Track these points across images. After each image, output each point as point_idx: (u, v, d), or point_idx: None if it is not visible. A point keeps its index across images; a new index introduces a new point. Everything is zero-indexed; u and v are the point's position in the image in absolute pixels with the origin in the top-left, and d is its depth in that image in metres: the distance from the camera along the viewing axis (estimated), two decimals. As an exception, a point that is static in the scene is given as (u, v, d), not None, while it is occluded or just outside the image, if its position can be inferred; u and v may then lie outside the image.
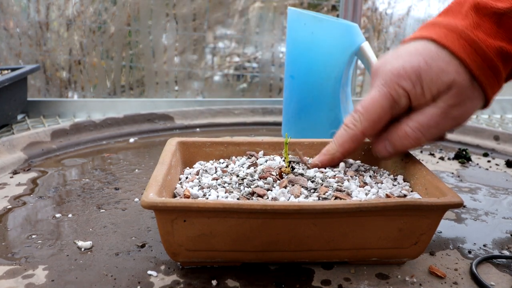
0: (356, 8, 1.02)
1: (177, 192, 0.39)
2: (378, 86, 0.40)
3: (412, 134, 0.39)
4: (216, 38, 1.24)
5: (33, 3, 1.09)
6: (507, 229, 0.47)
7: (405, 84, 0.38)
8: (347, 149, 0.42)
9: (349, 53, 0.61)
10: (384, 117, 0.40)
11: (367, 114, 0.40)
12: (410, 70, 0.38)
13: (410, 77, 0.38)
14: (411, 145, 0.40)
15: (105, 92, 1.18)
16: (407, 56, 0.39)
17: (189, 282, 0.36)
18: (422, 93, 0.38)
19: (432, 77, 0.38)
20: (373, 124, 0.40)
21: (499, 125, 1.00)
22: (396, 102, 0.39)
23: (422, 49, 0.39)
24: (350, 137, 0.41)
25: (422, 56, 0.38)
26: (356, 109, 0.41)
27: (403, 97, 0.39)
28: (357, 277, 0.37)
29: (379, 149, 0.42)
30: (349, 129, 0.41)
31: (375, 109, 0.39)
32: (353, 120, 0.41)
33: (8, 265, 0.38)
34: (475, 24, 0.39)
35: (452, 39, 0.38)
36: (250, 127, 0.87)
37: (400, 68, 0.39)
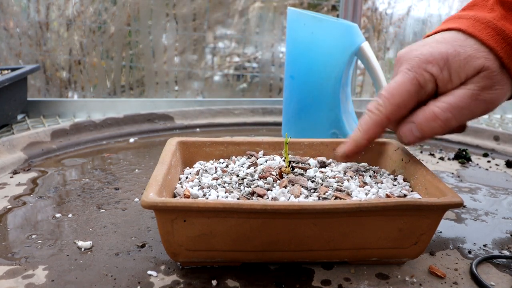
0: (356, 8, 1.02)
1: (177, 192, 0.39)
2: (404, 71, 0.39)
3: (442, 114, 0.38)
4: (216, 38, 1.24)
5: (33, 3, 1.09)
6: (507, 229, 0.47)
7: (433, 69, 0.38)
8: (372, 135, 0.40)
9: (349, 53, 0.61)
10: (409, 102, 0.39)
11: (392, 98, 0.39)
12: (438, 56, 0.38)
13: (438, 62, 0.38)
14: (440, 128, 0.38)
15: (105, 92, 1.18)
16: (435, 43, 0.39)
17: (189, 282, 0.36)
18: (449, 78, 0.38)
19: (460, 63, 0.37)
20: (398, 109, 0.39)
21: (499, 125, 1.00)
22: (422, 87, 0.38)
23: (449, 38, 0.39)
24: (375, 123, 0.40)
25: (450, 43, 0.38)
26: (380, 93, 0.39)
27: (429, 82, 0.38)
28: (357, 277, 0.37)
29: (405, 133, 0.40)
30: (373, 114, 0.40)
31: (401, 93, 0.38)
32: (377, 105, 0.39)
33: (8, 265, 0.38)
34: (502, 15, 0.39)
35: (479, 28, 0.38)
36: (250, 127, 0.87)
37: (427, 54, 0.38)
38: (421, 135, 0.39)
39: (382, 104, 0.39)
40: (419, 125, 0.39)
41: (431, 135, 0.39)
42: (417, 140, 0.39)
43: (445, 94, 0.38)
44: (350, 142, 0.41)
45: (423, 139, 0.39)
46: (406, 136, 0.40)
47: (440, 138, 0.80)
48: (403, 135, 0.40)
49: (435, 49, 0.39)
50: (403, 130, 0.40)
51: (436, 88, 0.39)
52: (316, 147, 0.48)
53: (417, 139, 0.39)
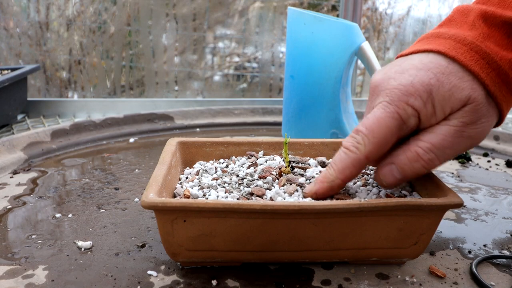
0: (356, 8, 1.02)
1: (177, 192, 0.39)
2: (383, 105, 0.35)
3: (425, 155, 0.35)
4: (216, 38, 1.24)
5: (33, 3, 1.09)
6: (507, 229, 0.47)
7: (415, 102, 0.34)
8: (348, 175, 0.36)
9: (349, 53, 0.61)
10: (390, 140, 0.35)
11: (372, 136, 0.35)
12: (420, 87, 0.34)
13: (420, 94, 0.34)
14: (423, 169, 0.35)
15: (105, 92, 1.18)
16: (414, 71, 0.35)
17: (189, 282, 0.36)
18: (433, 112, 0.35)
19: (445, 95, 0.34)
20: (379, 148, 0.35)
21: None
22: (404, 122, 0.35)
23: (430, 63, 0.35)
24: (353, 162, 0.35)
25: (432, 71, 0.35)
26: (358, 130, 0.35)
27: (412, 117, 0.35)
28: (357, 277, 0.37)
29: (385, 175, 0.36)
30: (351, 152, 0.35)
31: (381, 130, 0.34)
32: (355, 143, 0.35)
33: (8, 265, 0.38)
34: (484, 34, 0.35)
35: (462, 52, 0.35)
36: (250, 127, 0.87)
37: (408, 84, 0.34)
38: (402, 177, 0.36)
39: (361, 142, 0.35)
40: (400, 166, 0.36)
41: (412, 176, 0.36)
42: (397, 182, 0.36)
43: (427, 131, 0.35)
44: (322, 181, 0.36)
45: (403, 181, 0.37)
46: (386, 178, 0.36)
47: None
48: (383, 177, 0.36)
49: (416, 78, 0.35)
50: (383, 172, 0.36)
51: (419, 123, 0.35)
52: (316, 147, 0.48)
53: (397, 181, 0.36)
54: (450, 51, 0.35)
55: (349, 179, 0.36)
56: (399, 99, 0.35)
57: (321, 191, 0.36)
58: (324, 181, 0.36)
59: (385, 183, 0.37)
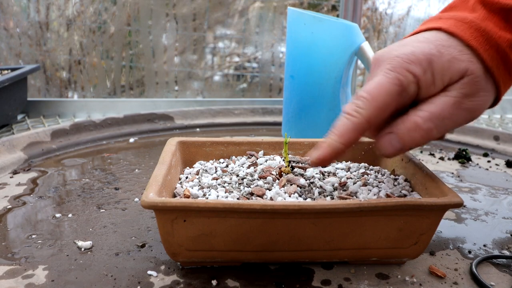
0: (356, 8, 1.02)
1: (177, 192, 0.39)
2: (384, 71, 0.36)
3: (424, 124, 0.35)
4: (216, 38, 1.24)
5: (33, 3, 1.09)
6: (507, 229, 0.47)
7: (416, 69, 0.35)
8: (349, 139, 0.36)
9: (349, 53, 0.61)
10: (391, 105, 0.35)
11: (373, 100, 0.35)
12: (421, 56, 0.35)
13: (420, 62, 0.35)
14: (421, 139, 0.36)
15: (105, 92, 1.18)
16: (416, 43, 0.37)
17: (189, 282, 0.36)
18: (432, 80, 0.36)
19: (443, 64, 0.35)
20: (379, 112, 0.35)
21: (499, 125, 1.00)
22: (404, 88, 0.35)
23: (431, 37, 0.37)
24: (354, 126, 0.35)
25: (433, 43, 0.36)
26: (359, 95, 0.36)
27: (412, 84, 0.35)
28: (357, 277, 0.37)
29: (384, 145, 0.37)
30: (352, 117, 0.36)
31: (382, 95, 0.35)
32: (355, 107, 0.36)
33: (8, 265, 0.38)
34: (484, 16, 0.37)
35: (462, 28, 0.36)
36: (250, 127, 0.87)
37: (409, 53, 0.36)
38: (401, 146, 0.36)
39: (362, 106, 0.35)
40: (399, 135, 0.36)
41: (411, 146, 0.36)
42: (396, 152, 0.36)
43: (426, 102, 0.36)
44: (324, 147, 0.37)
45: (402, 151, 0.37)
46: (385, 147, 0.37)
47: (440, 138, 0.80)
48: (382, 147, 0.37)
49: (417, 48, 0.36)
50: (382, 141, 0.37)
51: (418, 91, 0.36)
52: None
53: (396, 151, 0.36)
54: (451, 27, 0.37)
55: (350, 143, 0.36)
56: (400, 66, 0.36)
57: (323, 156, 0.36)
58: (327, 147, 0.36)
59: (385, 151, 0.37)
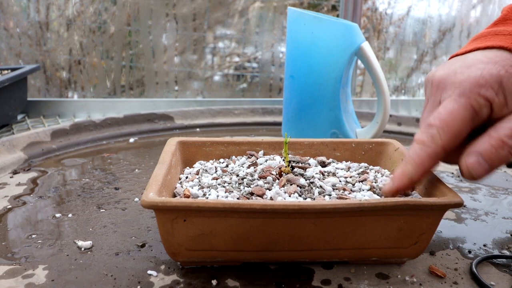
0: (356, 8, 1.02)
1: (177, 191, 0.39)
2: (453, 97, 0.36)
3: (509, 141, 0.35)
4: (216, 38, 1.24)
5: (33, 3, 1.09)
6: (507, 229, 0.47)
7: (487, 93, 0.35)
8: (426, 169, 0.37)
9: (349, 53, 0.61)
10: (465, 130, 0.36)
11: (447, 127, 0.36)
12: (490, 78, 0.36)
13: (491, 85, 0.35)
14: (508, 156, 0.35)
15: (105, 92, 1.18)
16: (482, 65, 0.37)
17: (189, 282, 0.36)
18: (505, 102, 0.36)
19: None
20: (454, 139, 0.36)
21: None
22: (477, 113, 0.36)
23: (495, 57, 0.37)
24: (430, 155, 0.36)
25: (499, 64, 0.36)
26: (431, 124, 0.36)
27: (484, 107, 0.36)
28: (357, 277, 0.37)
29: (473, 166, 0.35)
30: (427, 146, 0.36)
31: (455, 122, 0.35)
32: (429, 137, 0.36)
33: (8, 265, 0.38)
34: None
35: None
36: (250, 127, 0.87)
37: (478, 76, 0.36)
38: (489, 166, 0.35)
39: (437, 134, 0.36)
40: (487, 155, 0.35)
41: (498, 165, 0.36)
42: (486, 172, 0.36)
43: (504, 120, 0.36)
44: (401, 178, 0.37)
45: (491, 171, 0.36)
46: (475, 169, 0.36)
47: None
48: (471, 168, 0.36)
49: (485, 70, 0.36)
50: (470, 163, 0.36)
51: (491, 114, 0.36)
52: (316, 147, 0.48)
53: (486, 171, 0.36)
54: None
55: (427, 172, 0.37)
56: (470, 91, 0.36)
57: (403, 187, 0.37)
58: (403, 177, 0.37)
59: (475, 174, 0.36)
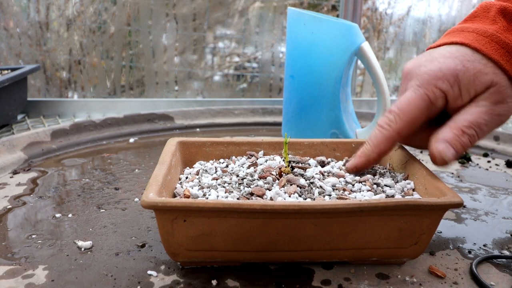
0: (356, 8, 1.02)
1: (177, 192, 0.39)
2: (414, 87, 0.40)
3: (468, 130, 0.38)
4: (216, 38, 1.24)
5: (33, 3, 1.09)
6: (507, 229, 0.47)
7: (443, 85, 0.39)
8: (382, 149, 0.41)
9: (349, 53, 0.61)
10: (419, 118, 0.40)
11: (403, 114, 0.40)
12: (448, 72, 0.39)
13: (447, 78, 0.39)
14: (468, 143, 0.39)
15: (105, 92, 1.18)
16: (443, 59, 0.40)
17: (189, 282, 0.36)
18: (459, 94, 0.39)
19: (470, 78, 0.38)
20: (409, 125, 0.40)
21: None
22: (432, 103, 0.39)
23: (456, 52, 0.40)
24: (386, 138, 0.40)
25: (458, 58, 0.39)
26: (391, 109, 0.41)
27: (440, 98, 0.39)
28: (357, 277, 0.37)
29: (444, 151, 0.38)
30: (384, 129, 0.40)
31: (411, 110, 0.39)
32: (387, 121, 0.40)
33: (8, 265, 0.38)
34: (504, 28, 0.40)
35: (484, 43, 0.39)
36: (250, 127, 0.87)
37: (436, 69, 0.39)
38: (456, 151, 0.39)
39: (393, 120, 0.40)
40: (452, 142, 0.39)
41: (462, 151, 0.39)
42: (454, 157, 0.39)
43: (460, 113, 0.39)
44: (360, 156, 0.42)
45: (457, 155, 0.39)
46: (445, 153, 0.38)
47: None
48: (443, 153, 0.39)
49: (444, 64, 0.39)
50: (440, 148, 0.39)
51: (446, 104, 0.40)
52: (316, 147, 0.48)
53: (454, 156, 0.39)
54: (473, 43, 0.40)
55: (383, 153, 0.41)
56: (428, 82, 0.39)
57: (360, 165, 0.42)
58: (362, 156, 0.42)
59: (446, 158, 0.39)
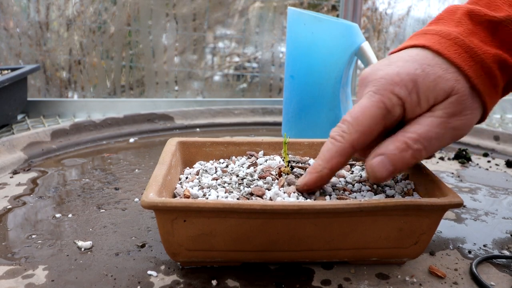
0: (356, 8, 1.02)
1: (177, 192, 0.39)
2: (369, 94, 0.36)
3: (413, 145, 0.35)
4: (216, 38, 1.24)
5: (33, 3, 1.09)
6: (507, 229, 0.47)
7: (400, 91, 0.35)
8: (335, 164, 0.36)
9: (349, 53, 0.61)
10: (375, 128, 0.35)
11: (357, 124, 0.35)
12: (406, 77, 0.35)
13: (405, 84, 0.35)
14: (412, 159, 0.35)
15: (105, 92, 1.18)
16: (401, 62, 0.36)
17: (189, 282, 0.36)
18: (418, 101, 0.35)
19: (429, 84, 0.35)
20: (364, 136, 0.35)
21: (499, 125, 1.00)
22: (389, 111, 0.35)
23: (416, 56, 0.36)
24: (338, 151, 0.36)
25: (418, 62, 0.36)
26: (344, 119, 0.36)
27: (397, 106, 0.35)
28: (357, 277, 0.37)
29: (376, 167, 0.35)
30: (337, 141, 0.36)
31: (366, 119, 0.35)
32: (340, 132, 0.36)
33: (8, 265, 0.38)
34: (469, 30, 0.36)
35: (446, 46, 0.36)
36: (250, 127, 0.87)
37: (393, 74, 0.35)
38: (393, 168, 0.35)
39: (347, 130, 0.35)
40: (390, 157, 0.35)
41: (402, 168, 0.35)
42: (389, 174, 0.35)
43: (413, 123, 0.35)
44: (311, 172, 0.37)
45: (394, 174, 0.36)
46: (377, 170, 0.35)
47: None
48: (373, 169, 0.35)
49: (402, 69, 0.35)
50: (373, 164, 0.35)
51: (404, 113, 0.36)
52: (316, 147, 0.48)
53: (389, 173, 0.35)
54: (435, 45, 0.36)
55: (337, 168, 0.36)
56: (384, 88, 0.35)
57: (311, 182, 0.37)
58: (313, 172, 0.37)
59: (377, 175, 0.35)
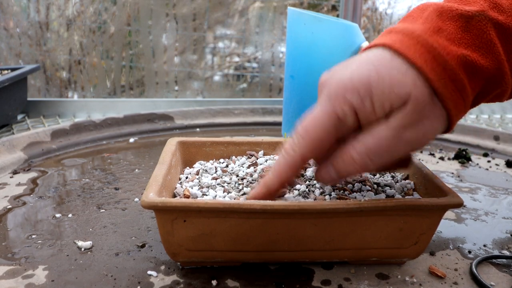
0: (356, 8, 1.02)
1: (177, 192, 0.39)
2: (322, 101, 0.34)
3: (359, 159, 0.33)
4: (216, 38, 1.24)
5: (33, 3, 1.09)
6: (507, 229, 0.47)
7: (352, 98, 0.32)
8: (284, 178, 0.35)
9: (349, 53, 0.61)
10: (326, 140, 0.33)
11: (307, 135, 0.33)
12: (358, 82, 0.32)
13: (358, 90, 0.32)
14: (357, 172, 0.34)
15: (105, 92, 1.18)
16: (356, 65, 0.33)
17: (189, 282, 0.36)
18: (372, 109, 0.32)
19: (384, 89, 0.32)
20: (314, 149, 0.34)
21: (499, 125, 1.00)
22: (340, 120, 0.33)
23: (374, 57, 0.33)
24: (288, 165, 0.34)
25: (374, 65, 0.32)
26: (296, 129, 0.34)
27: (349, 115, 0.33)
28: (357, 277, 0.37)
29: (322, 175, 0.35)
30: (287, 155, 0.34)
31: (316, 130, 0.33)
32: (292, 144, 0.34)
33: (8, 265, 0.38)
34: (435, 28, 0.33)
35: (407, 45, 0.32)
36: (250, 127, 0.87)
37: (346, 79, 0.33)
38: (337, 177, 0.35)
39: (297, 143, 0.34)
40: (336, 167, 0.34)
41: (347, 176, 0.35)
42: (333, 181, 0.35)
43: (365, 132, 0.33)
44: (261, 186, 0.35)
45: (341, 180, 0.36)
46: (323, 177, 0.35)
47: (440, 138, 0.80)
48: (320, 176, 0.35)
49: (355, 72, 0.33)
50: (321, 172, 0.35)
51: (357, 121, 0.33)
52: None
53: (334, 181, 0.35)
54: (395, 44, 0.33)
55: (286, 181, 0.35)
56: (336, 95, 0.33)
57: (260, 196, 0.35)
58: (263, 186, 0.35)
59: (322, 181, 0.36)
